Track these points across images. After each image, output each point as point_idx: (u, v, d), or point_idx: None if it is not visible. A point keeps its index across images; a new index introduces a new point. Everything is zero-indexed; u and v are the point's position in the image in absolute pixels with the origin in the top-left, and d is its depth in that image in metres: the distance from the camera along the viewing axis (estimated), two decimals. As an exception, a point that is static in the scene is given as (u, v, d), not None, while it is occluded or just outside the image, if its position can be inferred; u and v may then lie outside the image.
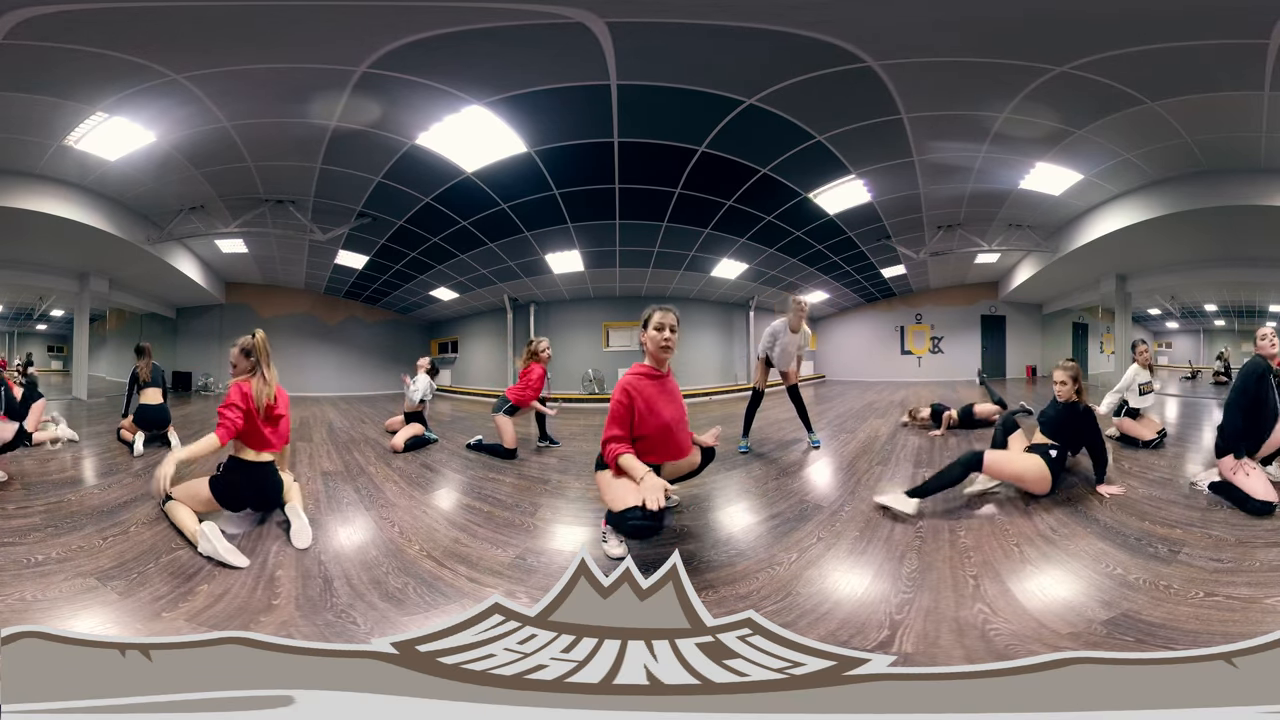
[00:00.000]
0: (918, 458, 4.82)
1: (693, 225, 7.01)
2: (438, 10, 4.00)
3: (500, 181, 6.05)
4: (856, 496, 3.77)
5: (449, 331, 9.89)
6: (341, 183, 5.99)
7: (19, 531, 3.07)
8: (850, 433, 5.86)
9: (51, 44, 4.04)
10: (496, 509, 3.72)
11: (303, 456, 4.98)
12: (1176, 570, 2.65)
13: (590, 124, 5.29)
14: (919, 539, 3.08)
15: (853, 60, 4.43)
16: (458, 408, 8.51)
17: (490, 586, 2.67)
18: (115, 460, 4.60)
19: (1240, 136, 5.14)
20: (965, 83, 4.78)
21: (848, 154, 5.79)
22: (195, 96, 4.71)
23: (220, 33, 4.09)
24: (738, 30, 4.17)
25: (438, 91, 4.82)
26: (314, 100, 4.91)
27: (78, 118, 4.89)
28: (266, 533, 3.19)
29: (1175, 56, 4.26)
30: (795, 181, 6.22)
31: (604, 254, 7.65)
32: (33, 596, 2.45)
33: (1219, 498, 3.46)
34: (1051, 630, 2.25)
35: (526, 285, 8.51)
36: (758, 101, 4.97)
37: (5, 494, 3.63)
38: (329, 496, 3.90)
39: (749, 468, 4.59)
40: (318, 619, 2.39)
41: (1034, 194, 6.40)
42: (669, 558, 2.11)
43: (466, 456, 5.14)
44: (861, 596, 2.56)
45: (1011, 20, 4.07)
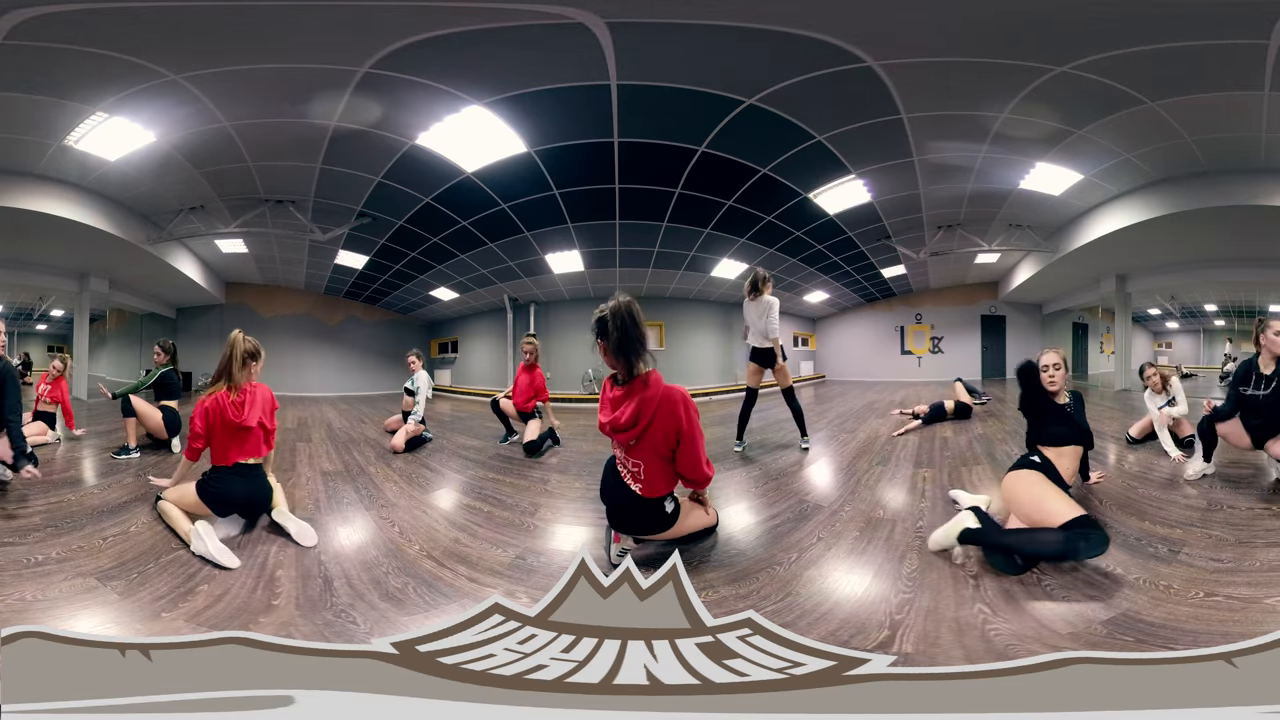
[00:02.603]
0: (918, 458, 4.82)
1: (693, 225, 7.01)
2: (438, 10, 4.00)
3: (500, 181, 6.05)
4: (856, 496, 3.77)
5: (449, 331, 9.88)
6: (342, 183, 5.99)
7: (19, 531, 3.07)
8: (850, 433, 5.86)
9: (51, 44, 4.03)
10: (496, 509, 3.72)
11: (302, 456, 4.98)
12: (1176, 570, 2.65)
13: (590, 124, 5.28)
14: (919, 539, 3.08)
15: (853, 60, 4.43)
16: (458, 407, 8.51)
17: (490, 586, 2.68)
18: (116, 460, 4.60)
19: (1240, 136, 5.14)
20: (965, 83, 4.78)
21: (848, 154, 5.79)
22: (195, 97, 4.71)
23: (220, 33, 4.09)
24: (738, 30, 4.17)
25: (438, 91, 4.82)
26: (314, 100, 4.91)
27: (78, 118, 4.89)
28: (265, 534, 3.19)
29: (1175, 56, 4.26)
30: (795, 181, 6.22)
31: (604, 254, 7.64)
32: (33, 596, 2.45)
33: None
34: (1051, 630, 2.25)
35: (526, 285, 8.51)
36: (758, 101, 4.97)
37: (5, 494, 3.63)
38: (329, 496, 3.90)
39: (748, 468, 4.59)
40: (317, 619, 2.40)
41: (1034, 194, 6.40)
42: (669, 558, 2.11)
43: (466, 456, 5.14)
44: (861, 596, 2.56)
45: (1011, 20, 4.07)
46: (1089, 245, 6.76)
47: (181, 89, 4.61)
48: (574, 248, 7.50)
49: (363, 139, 5.32)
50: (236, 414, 3.21)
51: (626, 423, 2.39)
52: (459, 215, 6.72)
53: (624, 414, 2.38)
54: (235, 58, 4.38)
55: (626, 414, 2.38)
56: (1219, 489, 3.70)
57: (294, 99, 4.89)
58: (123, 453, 4.72)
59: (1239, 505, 3.40)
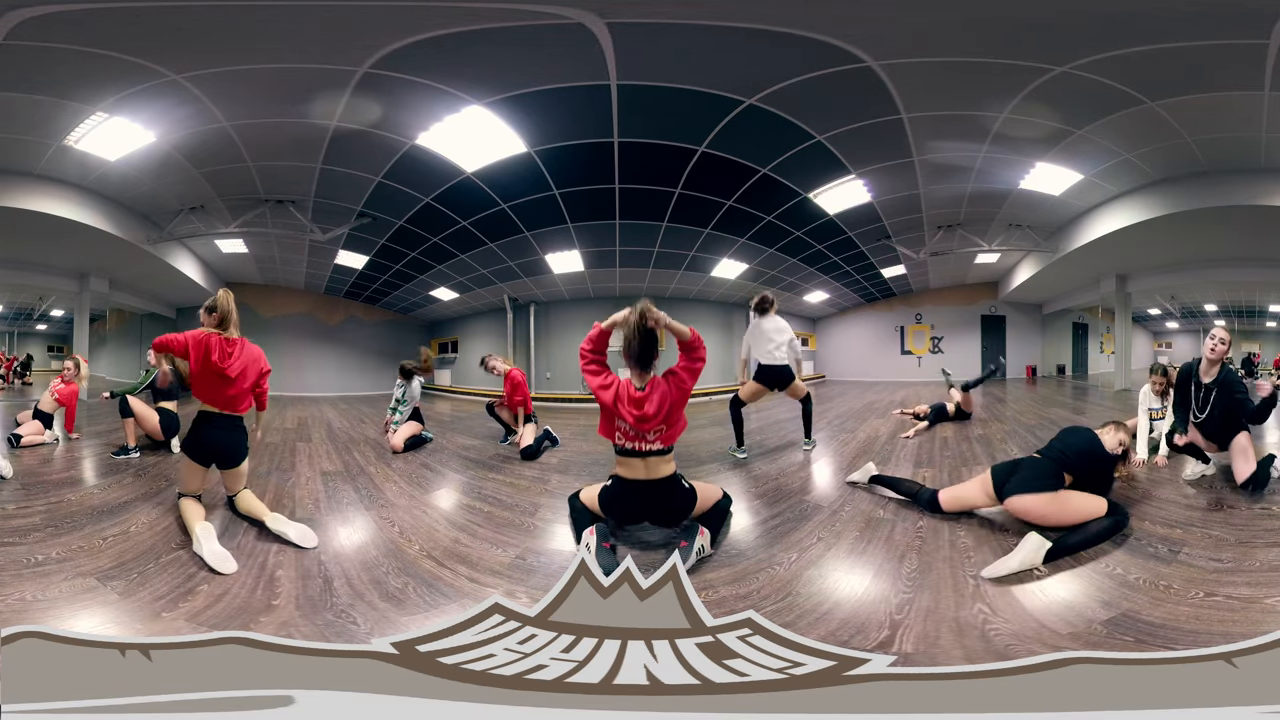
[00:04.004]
0: (918, 458, 4.82)
1: (693, 225, 7.01)
2: (438, 10, 3.99)
3: (500, 181, 6.05)
4: (857, 496, 3.77)
5: (449, 331, 9.88)
6: (342, 183, 5.99)
7: (19, 531, 3.07)
8: (850, 433, 5.86)
9: (51, 44, 4.03)
10: (496, 509, 3.72)
11: (302, 456, 4.98)
12: (1176, 570, 2.65)
13: (590, 124, 5.28)
14: (919, 539, 3.08)
15: (853, 60, 4.43)
16: (458, 407, 8.51)
17: (490, 586, 2.68)
18: (115, 460, 4.60)
19: (1240, 136, 5.14)
20: (965, 83, 4.78)
21: (848, 154, 5.79)
22: (195, 96, 4.71)
23: (220, 33, 4.09)
24: (738, 30, 4.17)
25: (438, 91, 4.82)
26: (314, 100, 4.91)
27: (78, 118, 4.89)
28: (265, 534, 3.18)
29: (1175, 56, 4.26)
30: (795, 181, 6.22)
31: (604, 254, 7.64)
32: (33, 596, 2.45)
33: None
34: (1051, 630, 2.25)
35: (526, 285, 8.51)
36: (758, 101, 4.97)
37: (5, 494, 3.63)
38: (329, 496, 3.90)
39: (749, 467, 4.59)
40: (318, 619, 2.39)
41: (1034, 194, 6.40)
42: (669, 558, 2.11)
43: (466, 456, 5.14)
44: (861, 596, 2.56)
45: (1011, 20, 4.07)
46: (1089, 245, 6.76)
47: (181, 89, 4.61)
48: (574, 248, 7.50)
49: (363, 139, 5.32)
50: (223, 360, 3.24)
51: (654, 413, 2.98)
52: (459, 215, 6.72)
53: (651, 408, 2.97)
54: (235, 58, 4.37)
55: (653, 407, 2.97)
56: (1219, 489, 3.70)
57: (294, 99, 4.88)
58: (121, 453, 4.72)
59: (1239, 505, 3.40)
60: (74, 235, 5.89)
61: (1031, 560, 2.70)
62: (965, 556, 2.86)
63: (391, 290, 8.72)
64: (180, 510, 3.23)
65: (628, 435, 3.06)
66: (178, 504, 3.30)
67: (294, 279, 8.00)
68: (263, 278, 7.94)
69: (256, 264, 7.58)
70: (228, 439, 3.32)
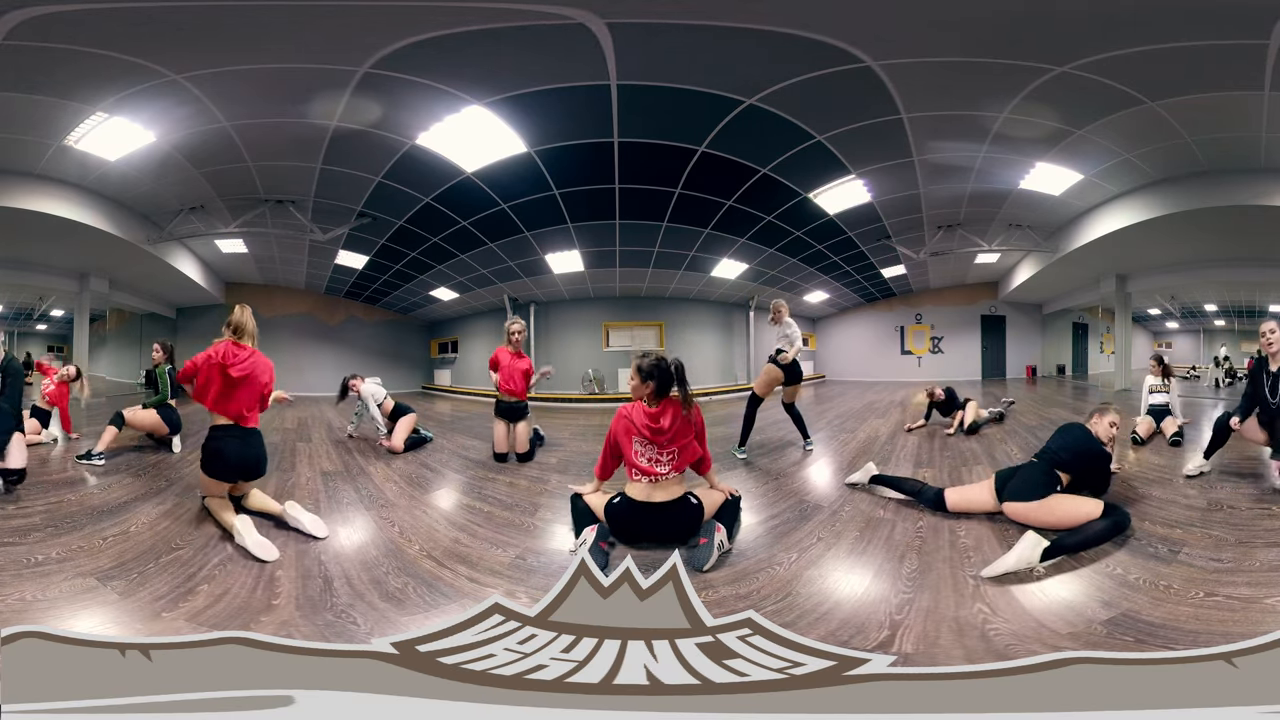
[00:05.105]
0: (918, 458, 4.82)
1: (693, 225, 7.01)
2: (438, 10, 3.99)
3: (500, 182, 6.05)
4: (856, 496, 3.77)
5: (449, 331, 9.89)
6: (342, 183, 5.99)
7: (19, 531, 3.07)
8: (850, 433, 5.86)
9: (51, 44, 4.04)
10: (496, 509, 3.72)
11: (302, 456, 4.98)
12: (1176, 570, 2.65)
13: (590, 124, 5.29)
14: (919, 539, 3.08)
15: (853, 60, 4.43)
16: (458, 407, 8.51)
17: (490, 586, 2.67)
18: (116, 460, 4.60)
19: (1240, 136, 5.14)
20: (965, 83, 4.78)
21: (848, 154, 5.79)
22: (195, 96, 4.71)
23: (220, 33, 4.09)
24: (738, 30, 4.17)
25: (438, 91, 4.82)
26: (314, 100, 4.91)
27: (78, 118, 4.89)
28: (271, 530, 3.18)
29: (1175, 56, 4.26)
30: (795, 181, 6.22)
31: (604, 254, 7.65)
32: (33, 596, 2.45)
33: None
34: (1051, 630, 2.25)
35: (526, 285, 8.51)
36: (758, 101, 4.97)
37: (5, 494, 3.63)
38: (329, 496, 3.90)
39: (749, 467, 4.59)
40: (318, 619, 2.39)
41: (1034, 194, 6.41)
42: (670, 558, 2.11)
43: (466, 456, 5.14)
44: (861, 596, 2.56)
45: (1011, 20, 4.07)
46: (1089, 245, 6.76)
47: (181, 89, 4.61)
48: (574, 248, 7.50)
49: (363, 139, 5.32)
50: (228, 360, 3.30)
51: (668, 426, 3.16)
52: (459, 215, 6.72)
53: (665, 422, 3.16)
54: (235, 58, 4.38)
55: (666, 421, 3.16)
56: (1219, 489, 3.70)
57: (294, 99, 4.89)
58: (85, 458, 4.45)
59: (1239, 505, 3.40)
60: (74, 235, 5.89)
61: (1028, 559, 2.70)
62: (965, 556, 2.86)
63: (391, 290, 8.73)
64: (211, 511, 3.28)
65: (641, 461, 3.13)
66: (204, 506, 3.35)
67: (294, 279, 8.01)
68: (263, 278, 7.95)
69: (256, 264, 7.59)
70: (243, 450, 3.33)
